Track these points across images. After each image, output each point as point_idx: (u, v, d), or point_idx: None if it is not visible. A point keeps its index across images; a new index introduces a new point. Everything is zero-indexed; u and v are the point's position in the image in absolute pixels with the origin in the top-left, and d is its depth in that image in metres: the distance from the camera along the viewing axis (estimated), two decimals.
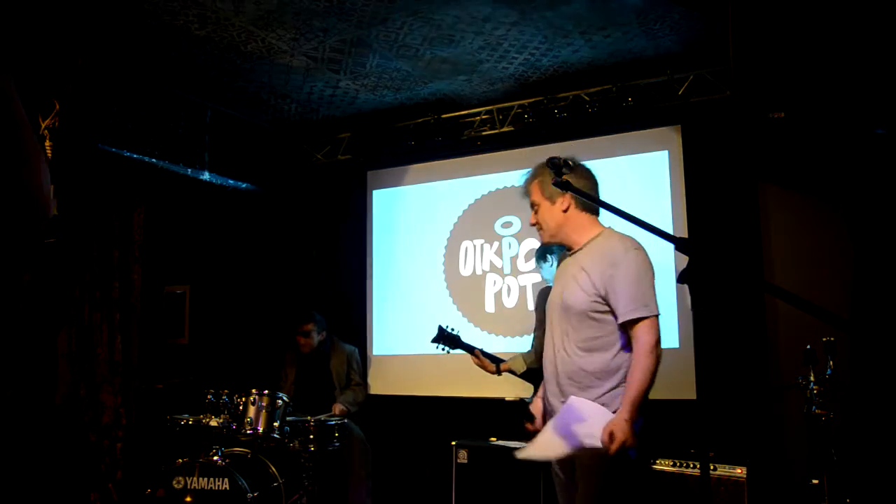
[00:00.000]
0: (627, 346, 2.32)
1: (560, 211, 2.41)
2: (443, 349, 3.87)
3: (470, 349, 3.77)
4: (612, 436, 2.13)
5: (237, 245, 5.86)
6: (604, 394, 2.29)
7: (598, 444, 2.16)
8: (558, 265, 3.78)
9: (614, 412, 2.23)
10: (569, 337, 2.36)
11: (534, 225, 2.52)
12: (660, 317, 2.30)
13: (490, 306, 4.92)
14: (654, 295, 2.30)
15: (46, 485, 4.11)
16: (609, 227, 2.45)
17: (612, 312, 2.30)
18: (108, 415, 4.56)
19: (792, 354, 3.74)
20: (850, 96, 2.33)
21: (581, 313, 2.32)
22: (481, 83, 4.60)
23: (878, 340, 3.64)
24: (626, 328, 2.28)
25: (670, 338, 4.30)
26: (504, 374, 3.75)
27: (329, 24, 3.74)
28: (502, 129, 4.93)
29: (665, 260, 4.33)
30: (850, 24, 2.32)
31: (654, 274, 2.34)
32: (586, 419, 2.23)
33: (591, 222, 2.44)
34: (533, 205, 2.48)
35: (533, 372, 3.76)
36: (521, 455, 2.38)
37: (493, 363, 3.73)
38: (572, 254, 2.46)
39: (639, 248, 2.34)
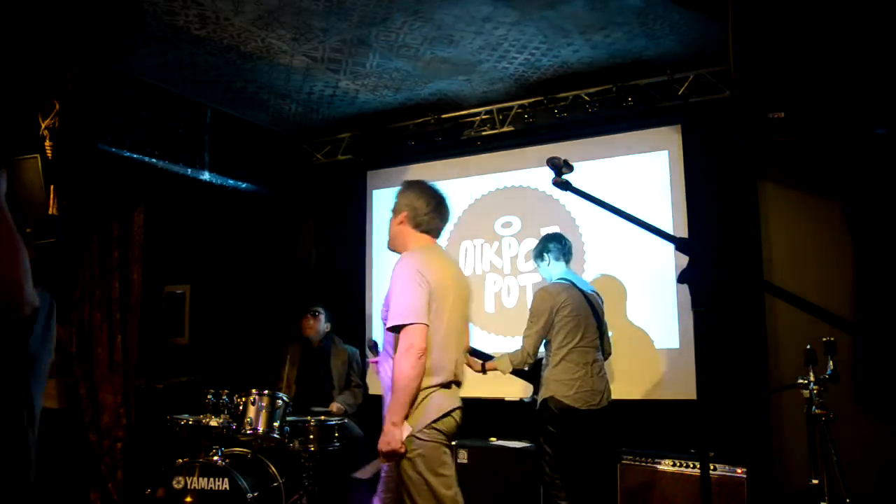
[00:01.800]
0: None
1: (397, 224, 2.68)
2: None
3: None
4: (379, 447, 2.42)
5: (237, 245, 5.86)
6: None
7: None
8: (555, 264, 3.81)
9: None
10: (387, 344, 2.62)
11: None
12: (426, 326, 2.43)
13: (490, 306, 4.92)
14: (419, 302, 2.42)
15: (46, 485, 4.11)
16: (424, 247, 2.63)
17: None
18: (108, 415, 4.55)
19: (792, 354, 3.74)
20: (851, 96, 2.33)
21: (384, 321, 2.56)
22: (481, 83, 4.60)
23: (879, 340, 3.64)
24: (394, 330, 2.46)
25: (670, 338, 4.30)
26: (499, 374, 3.75)
27: (329, 24, 3.74)
28: (502, 129, 4.93)
29: (665, 260, 4.34)
30: (849, 24, 2.32)
31: (426, 280, 2.45)
32: None
33: (417, 240, 2.65)
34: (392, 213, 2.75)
35: (520, 372, 3.76)
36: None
37: (480, 361, 3.73)
38: None
39: (409, 263, 2.49)
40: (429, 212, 2.66)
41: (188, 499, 3.56)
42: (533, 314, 3.65)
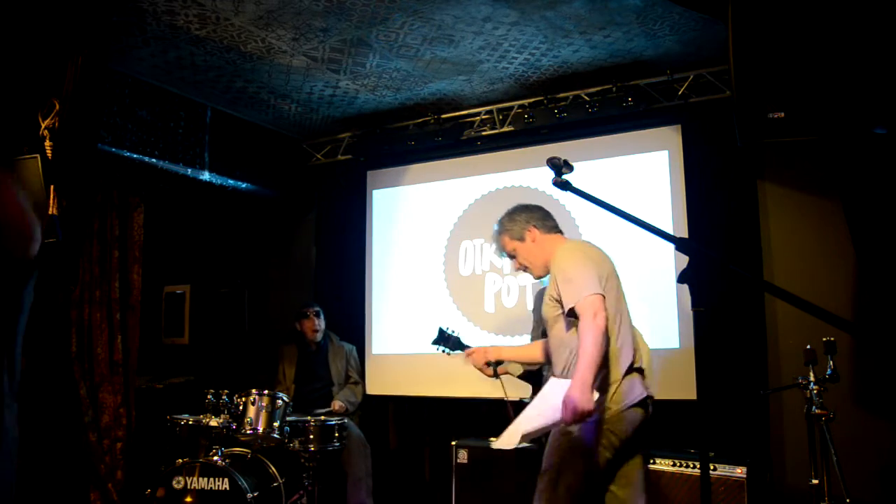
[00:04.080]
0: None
1: (529, 244, 2.72)
2: (443, 351, 3.87)
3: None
4: (565, 404, 2.29)
5: (237, 245, 5.86)
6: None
7: (559, 414, 2.33)
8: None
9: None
10: (550, 339, 2.63)
11: (520, 269, 2.79)
12: (602, 296, 2.45)
13: (490, 306, 4.92)
14: (592, 277, 2.46)
15: (46, 485, 4.11)
16: (568, 240, 2.75)
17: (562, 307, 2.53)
18: (108, 415, 4.55)
19: (792, 354, 3.74)
20: (850, 96, 2.33)
21: (549, 319, 2.60)
22: (481, 83, 4.60)
23: (879, 340, 3.64)
24: (572, 314, 2.46)
25: (670, 338, 4.30)
26: (502, 376, 3.74)
27: (329, 24, 3.74)
28: (502, 129, 4.92)
29: (665, 260, 4.34)
30: (849, 24, 2.32)
31: (593, 261, 2.55)
32: (556, 397, 2.39)
33: (556, 240, 2.73)
34: (511, 255, 2.78)
35: (530, 374, 3.75)
36: (495, 445, 2.64)
37: (491, 366, 3.72)
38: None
39: (569, 250, 2.61)
40: (545, 215, 2.78)
41: (188, 499, 3.56)
42: (536, 315, 3.66)
